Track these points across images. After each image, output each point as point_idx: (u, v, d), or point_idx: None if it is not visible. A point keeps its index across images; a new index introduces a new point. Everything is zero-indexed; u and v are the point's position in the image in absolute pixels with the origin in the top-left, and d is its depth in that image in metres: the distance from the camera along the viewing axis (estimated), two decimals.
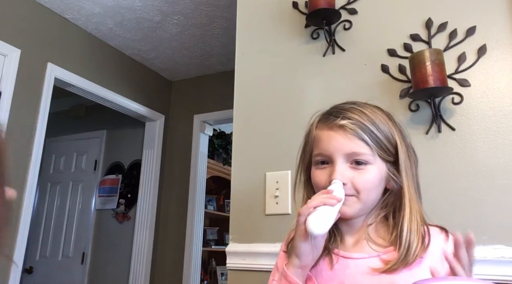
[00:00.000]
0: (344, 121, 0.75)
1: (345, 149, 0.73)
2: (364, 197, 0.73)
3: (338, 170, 0.73)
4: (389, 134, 0.75)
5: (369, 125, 0.74)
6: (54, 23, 2.63)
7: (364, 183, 0.73)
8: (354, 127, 0.74)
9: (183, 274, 3.11)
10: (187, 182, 3.30)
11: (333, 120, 0.76)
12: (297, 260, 0.72)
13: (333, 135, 0.75)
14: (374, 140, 0.74)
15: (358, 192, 0.73)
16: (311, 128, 0.81)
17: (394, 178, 0.75)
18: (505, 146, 1.04)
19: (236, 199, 1.34)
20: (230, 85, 1.50)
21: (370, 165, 0.73)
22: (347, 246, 0.77)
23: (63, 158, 3.78)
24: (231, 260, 1.27)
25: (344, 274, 0.74)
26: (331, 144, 0.75)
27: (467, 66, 1.12)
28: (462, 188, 1.05)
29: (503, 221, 0.99)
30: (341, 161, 0.74)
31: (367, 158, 0.73)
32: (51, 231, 3.56)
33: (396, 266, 0.69)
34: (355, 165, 0.73)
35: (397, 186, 0.75)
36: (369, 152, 0.73)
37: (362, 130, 0.73)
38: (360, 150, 0.73)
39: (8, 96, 2.27)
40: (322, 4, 1.24)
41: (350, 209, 0.74)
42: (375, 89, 1.22)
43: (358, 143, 0.73)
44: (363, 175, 0.73)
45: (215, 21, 2.72)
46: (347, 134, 0.74)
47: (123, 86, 3.12)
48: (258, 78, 1.42)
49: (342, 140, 0.74)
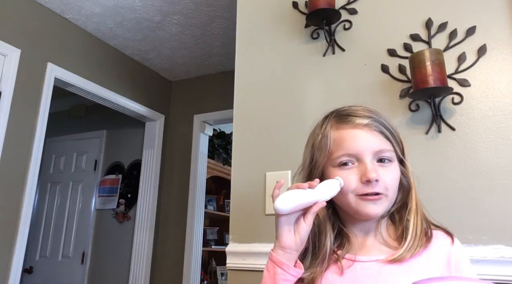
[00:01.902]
0: (367, 120, 0.75)
1: (374, 147, 0.74)
2: (391, 195, 0.74)
3: (371, 168, 0.72)
4: (399, 135, 0.78)
5: (387, 124, 0.76)
6: (54, 23, 2.63)
7: (392, 181, 0.74)
8: (378, 125, 0.75)
9: (183, 274, 3.11)
10: (187, 182, 3.29)
11: (354, 120, 0.76)
12: (277, 241, 0.72)
13: (359, 133, 0.75)
14: (393, 138, 0.76)
15: (387, 189, 0.73)
16: (325, 131, 0.78)
17: (405, 176, 0.77)
18: (505, 146, 1.04)
19: (236, 199, 1.34)
20: (230, 85, 1.50)
21: (393, 162, 0.75)
22: (356, 247, 0.77)
23: (63, 158, 3.78)
24: (231, 260, 1.27)
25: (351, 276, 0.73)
26: (358, 142, 0.74)
27: (467, 66, 1.12)
28: (462, 188, 1.05)
29: (503, 221, 0.99)
30: (370, 159, 0.73)
31: (391, 155, 0.75)
32: (51, 231, 3.56)
33: (402, 255, 0.70)
34: (380, 163, 0.74)
35: (406, 184, 0.77)
36: (392, 149, 0.75)
37: (384, 127, 0.75)
38: (386, 147, 0.74)
39: (8, 96, 2.27)
40: (322, 4, 1.24)
41: (380, 208, 0.73)
42: (375, 89, 1.22)
43: (384, 140, 0.75)
44: (390, 172, 0.74)
45: (215, 21, 2.72)
46: (373, 131, 0.75)
47: (123, 86, 3.12)
48: (258, 78, 1.42)
49: (370, 138, 0.74)
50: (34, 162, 2.39)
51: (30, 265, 3.47)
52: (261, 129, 1.36)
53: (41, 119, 2.45)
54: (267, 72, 1.41)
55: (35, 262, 3.50)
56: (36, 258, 3.52)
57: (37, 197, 3.62)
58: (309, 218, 0.71)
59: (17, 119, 2.32)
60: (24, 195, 2.33)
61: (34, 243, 3.53)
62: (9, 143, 2.26)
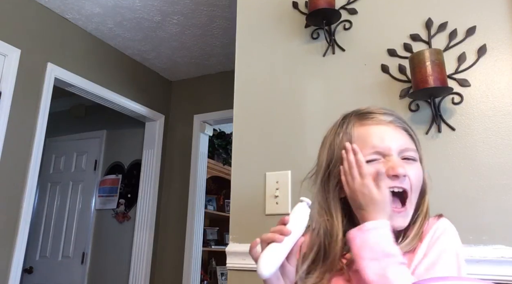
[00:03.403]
0: (391, 117, 0.75)
1: (400, 144, 0.73)
2: (413, 197, 0.72)
3: (399, 163, 0.71)
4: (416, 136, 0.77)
5: (408, 124, 0.76)
6: (54, 23, 2.63)
7: (417, 179, 0.72)
8: (402, 123, 0.75)
9: (183, 274, 3.11)
10: (187, 182, 3.29)
11: (378, 116, 0.75)
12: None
13: (385, 129, 0.73)
14: (416, 137, 0.76)
15: (411, 189, 0.72)
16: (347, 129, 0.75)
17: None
18: (505, 146, 1.04)
19: (236, 199, 1.34)
20: (230, 85, 1.49)
21: (417, 162, 0.74)
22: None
23: (63, 158, 3.78)
24: (231, 260, 1.27)
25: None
26: (385, 138, 0.72)
27: (467, 66, 1.12)
28: (462, 188, 1.05)
29: (503, 221, 0.99)
30: (396, 155, 0.72)
31: (415, 155, 0.74)
32: (51, 231, 3.56)
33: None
34: (405, 161, 0.73)
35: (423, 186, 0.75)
36: (415, 149, 0.74)
37: (408, 126, 0.75)
38: (411, 146, 0.74)
39: (8, 96, 2.27)
40: (322, 4, 1.24)
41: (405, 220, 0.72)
42: (375, 89, 1.22)
43: (408, 139, 0.74)
44: (415, 170, 0.73)
45: (215, 21, 2.72)
46: (398, 129, 0.74)
47: (123, 86, 3.12)
48: (258, 78, 1.42)
49: (396, 135, 0.73)
50: (34, 162, 2.39)
51: (30, 265, 3.47)
52: (261, 129, 1.36)
53: (41, 119, 2.45)
54: (267, 72, 1.41)
55: (35, 262, 3.50)
56: (36, 258, 3.52)
57: (37, 197, 3.62)
58: (293, 260, 0.72)
59: (17, 119, 2.32)
60: (24, 195, 2.33)
61: (34, 243, 3.52)
62: (9, 143, 2.26)
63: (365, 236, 0.66)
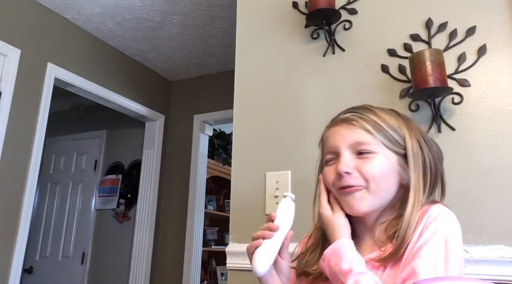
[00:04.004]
0: (347, 115, 0.77)
1: (349, 140, 0.74)
2: (373, 186, 0.71)
3: (342, 161, 0.73)
4: (395, 126, 0.75)
5: (372, 116, 0.75)
6: (54, 23, 2.63)
7: (371, 170, 0.71)
8: (356, 118, 0.75)
9: (183, 274, 3.11)
10: (187, 182, 3.29)
11: (336, 118, 0.79)
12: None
13: (337, 129, 0.77)
14: (378, 129, 0.73)
15: (367, 181, 0.72)
16: (322, 134, 0.82)
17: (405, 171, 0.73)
18: (505, 146, 1.04)
19: (236, 199, 1.34)
20: (230, 85, 1.49)
21: (376, 154, 0.73)
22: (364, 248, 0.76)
23: (63, 158, 3.78)
24: (231, 260, 1.27)
25: None
26: (336, 138, 0.76)
27: (467, 66, 1.12)
28: (462, 188, 1.05)
29: (503, 221, 0.99)
30: (346, 152, 0.74)
31: (372, 148, 0.73)
32: (51, 231, 3.56)
33: (386, 260, 0.68)
34: (360, 156, 0.73)
35: (408, 180, 0.73)
36: (373, 141, 0.73)
37: (364, 120, 0.74)
38: (363, 139, 0.73)
39: (8, 96, 2.27)
40: (322, 4, 1.24)
41: (360, 203, 0.72)
42: (375, 89, 1.22)
43: (361, 132, 0.73)
44: (369, 162, 0.72)
45: (215, 21, 2.72)
46: (350, 125, 0.75)
47: (123, 86, 3.12)
48: (258, 78, 1.42)
49: (345, 132, 0.75)
50: (34, 162, 2.39)
51: (30, 265, 3.47)
52: (261, 129, 1.36)
53: (41, 119, 2.45)
54: (267, 72, 1.41)
55: (35, 262, 3.50)
56: (36, 258, 3.52)
57: (37, 197, 3.62)
58: (286, 254, 0.76)
59: (17, 119, 2.32)
60: (24, 195, 2.33)
61: (34, 243, 3.53)
62: (9, 143, 2.26)
63: (326, 264, 0.71)
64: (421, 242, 0.65)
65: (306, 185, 1.21)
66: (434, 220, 0.67)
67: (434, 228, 0.66)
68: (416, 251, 0.64)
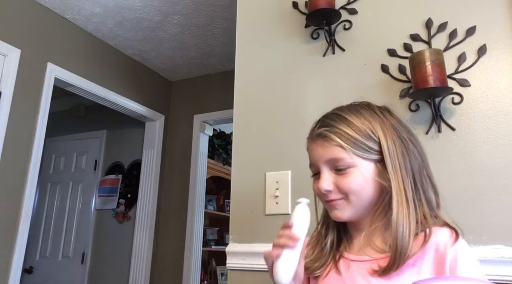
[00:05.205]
0: (320, 130, 0.77)
1: (324, 158, 0.76)
2: (353, 198, 0.74)
3: (322, 178, 0.76)
4: (368, 132, 0.74)
5: (344, 127, 0.74)
6: (54, 23, 2.63)
7: (348, 185, 0.74)
8: (328, 134, 0.75)
9: (183, 274, 3.11)
10: (187, 182, 3.30)
11: (312, 130, 0.80)
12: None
13: (313, 146, 0.79)
14: (352, 143, 0.73)
15: (346, 194, 0.74)
16: (306, 143, 0.84)
17: (382, 176, 0.73)
18: (505, 146, 1.04)
19: (236, 199, 1.34)
20: (230, 85, 1.49)
21: (352, 168, 0.74)
22: (353, 249, 0.79)
23: (63, 158, 3.78)
24: (231, 260, 1.27)
25: (346, 275, 0.75)
26: (314, 155, 0.78)
27: (467, 66, 1.12)
28: (462, 188, 1.05)
29: (503, 221, 0.99)
30: (325, 169, 0.76)
31: (347, 163, 0.74)
32: (51, 231, 3.56)
33: (386, 271, 0.69)
34: (338, 171, 0.75)
35: (386, 186, 0.73)
36: (347, 156, 0.73)
37: (336, 135, 0.74)
38: (337, 155, 0.74)
39: (8, 96, 2.27)
40: (322, 4, 1.23)
41: (342, 212, 0.76)
42: (375, 89, 1.22)
43: (334, 149, 0.74)
44: (346, 178, 0.74)
45: (215, 21, 2.72)
46: (324, 142, 0.76)
47: (123, 86, 3.12)
48: (258, 78, 1.42)
49: (320, 150, 0.77)
50: (34, 162, 2.39)
51: (30, 265, 3.47)
52: (261, 129, 1.36)
53: (41, 119, 2.45)
54: (267, 72, 1.41)
55: (35, 262, 3.50)
56: (36, 258, 3.52)
57: (37, 197, 3.62)
58: (302, 260, 0.75)
59: (17, 119, 2.32)
60: (24, 195, 2.33)
61: (34, 243, 3.53)
62: (9, 143, 2.26)
63: None
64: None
65: (306, 185, 1.21)
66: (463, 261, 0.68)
67: (465, 256, 0.68)
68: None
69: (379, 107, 0.80)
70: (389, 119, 0.78)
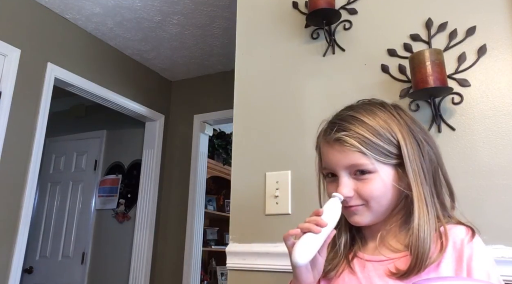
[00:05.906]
0: (340, 134, 0.74)
1: (344, 163, 0.73)
2: (374, 205, 0.73)
3: (342, 184, 0.74)
4: (389, 136, 0.73)
5: (366, 134, 0.72)
6: (54, 23, 2.63)
7: (370, 192, 0.72)
8: (349, 139, 0.72)
9: (183, 274, 3.11)
10: (187, 182, 3.30)
11: (329, 134, 0.76)
12: (296, 280, 0.74)
13: (331, 150, 0.76)
14: (373, 148, 0.72)
15: (367, 201, 0.73)
16: (318, 141, 0.82)
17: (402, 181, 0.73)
18: (505, 146, 1.04)
19: (236, 199, 1.34)
20: (230, 85, 1.49)
21: (374, 174, 0.72)
22: (368, 249, 0.78)
23: (63, 158, 3.78)
24: (231, 260, 1.27)
25: (363, 275, 0.74)
26: (331, 159, 0.76)
27: (467, 66, 1.12)
28: (462, 188, 1.05)
29: (503, 221, 0.99)
30: (344, 174, 0.74)
31: (368, 168, 0.72)
32: (51, 231, 3.56)
33: (406, 274, 0.68)
34: (358, 175, 0.73)
35: (409, 188, 0.72)
36: (367, 162, 0.72)
37: (356, 140, 0.72)
38: (358, 161, 0.72)
39: (8, 96, 2.27)
40: (322, 4, 1.23)
41: (361, 218, 0.75)
42: (375, 89, 1.22)
43: (356, 155, 0.72)
44: (367, 184, 0.72)
45: (215, 21, 2.72)
46: (344, 147, 0.73)
47: (123, 86, 3.12)
48: (258, 78, 1.42)
49: (339, 155, 0.74)
50: (34, 162, 2.39)
51: (30, 265, 3.47)
52: (261, 129, 1.36)
53: (41, 119, 2.45)
54: (267, 72, 1.41)
55: (35, 262, 3.50)
56: (36, 258, 3.52)
57: (37, 197, 3.62)
58: (324, 251, 0.74)
59: (17, 119, 2.32)
60: (24, 195, 2.33)
61: (34, 243, 3.53)
62: (9, 143, 2.26)
63: None
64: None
65: (306, 185, 1.22)
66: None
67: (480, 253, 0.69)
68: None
69: (393, 106, 0.79)
70: (404, 119, 0.77)
